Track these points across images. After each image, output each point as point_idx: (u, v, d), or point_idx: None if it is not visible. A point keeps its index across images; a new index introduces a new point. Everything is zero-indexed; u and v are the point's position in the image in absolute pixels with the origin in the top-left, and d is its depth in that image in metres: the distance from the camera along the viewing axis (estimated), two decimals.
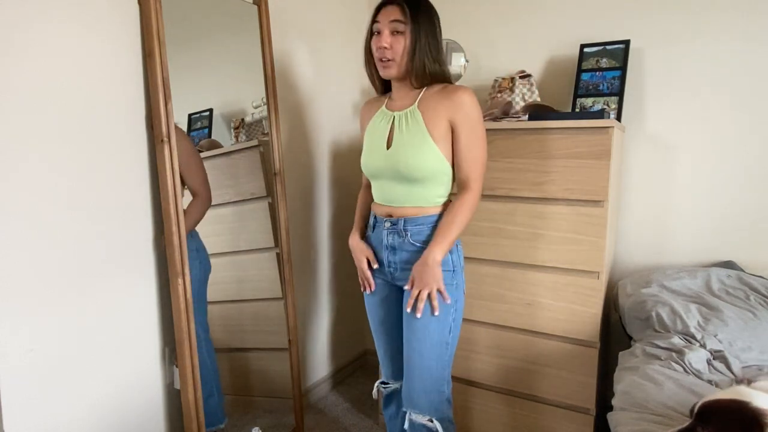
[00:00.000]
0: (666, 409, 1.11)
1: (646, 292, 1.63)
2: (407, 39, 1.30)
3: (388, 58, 1.31)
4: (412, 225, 1.35)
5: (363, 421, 2.14)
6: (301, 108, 2.12)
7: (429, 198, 1.34)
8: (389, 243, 1.39)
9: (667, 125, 1.91)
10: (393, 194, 1.36)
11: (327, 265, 2.35)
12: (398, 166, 1.32)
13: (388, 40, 1.30)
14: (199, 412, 1.50)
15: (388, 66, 1.33)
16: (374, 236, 1.45)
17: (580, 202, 1.63)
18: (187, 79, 1.54)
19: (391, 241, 1.39)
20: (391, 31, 1.30)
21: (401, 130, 1.33)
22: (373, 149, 1.39)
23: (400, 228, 1.36)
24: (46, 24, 1.21)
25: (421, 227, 1.35)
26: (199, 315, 1.55)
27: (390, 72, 1.34)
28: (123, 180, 1.41)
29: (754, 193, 1.81)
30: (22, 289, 1.20)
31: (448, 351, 1.37)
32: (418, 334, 1.34)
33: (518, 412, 1.81)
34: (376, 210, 1.44)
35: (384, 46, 1.30)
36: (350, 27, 2.39)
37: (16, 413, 1.21)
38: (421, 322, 1.33)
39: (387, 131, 1.37)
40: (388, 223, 1.38)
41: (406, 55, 1.30)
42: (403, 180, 1.33)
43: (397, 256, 1.39)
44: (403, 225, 1.36)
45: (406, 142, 1.31)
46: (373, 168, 1.38)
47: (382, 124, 1.39)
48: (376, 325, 1.52)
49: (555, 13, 2.07)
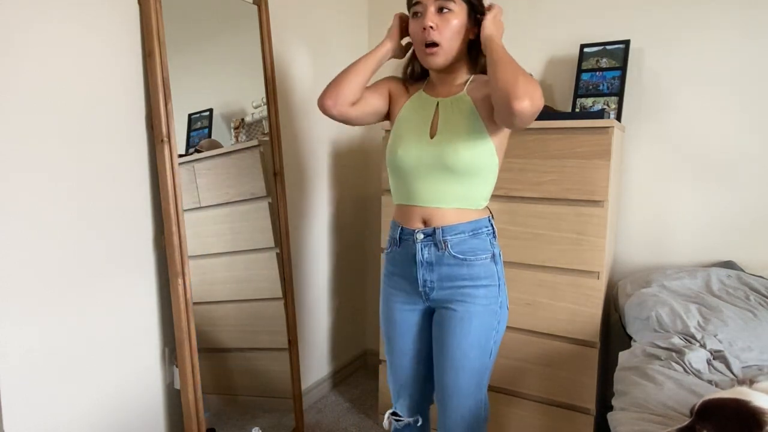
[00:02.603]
0: (666, 409, 1.11)
1: (646, 292, 1.62)
2: (458, 18, 1.13)
3: (434, 42, 1.13)
4: (451, 234, 1.17)
5: (363, 421, 2.14)
6: (301, 108, 2.12)
7: (473, 198, 1.19)
8: (425, 258, 1.20)
9: (667, 125, 1.91)
10: (432, 192, 1.18)
11: (327, 265, 2.35)
12: (445, 157, 1.14)
13: (435, 18, 1.12)
14: (199, 412, 1.50)
15: (434, 53, 1.15)
16: (400, 253, 1.25)
17: (580, 202, 1.63)
18: (187, 79, 1.54)
19: (427, 255, 1.19)
20: (437, 9, 1.13)
21: (449, 117, 1.17)
22: (410, 139, 1.20)
23: (439, 239, 1.18)
24: (46, 24, 1.21)
25: (461, 236, 1.17)
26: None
27: (436, 60, 1.16)
28: (123, 180, 1.41)
29: (754, 193, 1.81)
30: (22, 289, 1.20)
31: (487, 374, 1.24)
32: (456, 363, 1.19)
33: (518, 412, 1.81)
34: (403, 219, 1.24)
35: (429, 25, 1.12)
36: (350, 26, 2.39)
37: (16, 413, 1.21)
38: (461, 351, 1.18)
39: (430, 119, 1.19)
40: (422, 235, 1.19)
41: (457, 38, 1.14)
42: (448, 173, 1.15)
43: (435, 272, 1.20)
44: (441, 235, 1.17)
45: (457, 130, 1.15)
46: (409, 160, 1.19)
47: (421, 111, 1.21)
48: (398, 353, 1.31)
49: (555, 13, 2.07)
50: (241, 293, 1.77)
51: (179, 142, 1.51)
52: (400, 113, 1.26)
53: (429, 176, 1.18)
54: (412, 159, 1.19)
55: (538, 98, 1.01)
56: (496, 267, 1.21)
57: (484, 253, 1.20)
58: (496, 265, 1.21)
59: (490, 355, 1.22)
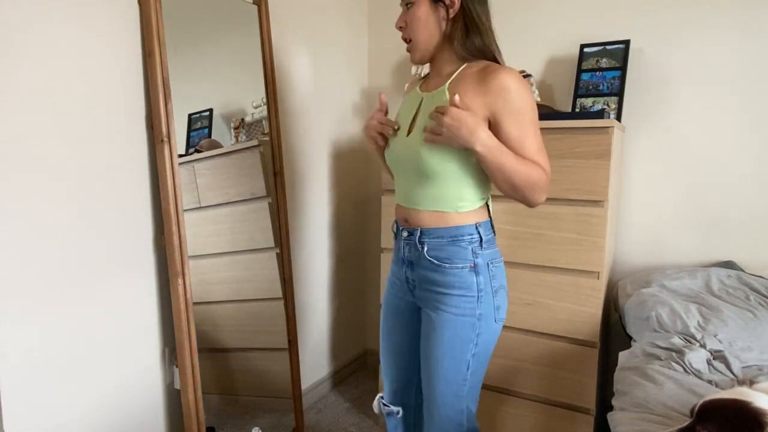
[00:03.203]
0: (666, 409, 1.11)
1: (646, 292, 1.63)
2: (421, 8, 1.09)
3: (407, 39, 1.12)
4: (429, 237, 1.14)
5: (363, 421, 2.14)
6: (301, 108, 2.12)
7: (447, 201, 1.12)
8: (406, 256, 1.20)
9: (667, 125, 1.91)
10: (410, 193, 1.16)
11: (327, 265, 2.35)
12: (413, 157, 1.11)
13: (403, 17, 1.11)
14: (199, 412, 1.50)
15: (410, 50, 1.14)
16: (396, 245, 1.26)
17: (580, 202, 1.63)
18: (187, 79, 1.54)
19: (407, 254, 1.19)
20: (404, 6, 1.11)
21: (425, 113, 1.12)
22: (395, 136, 1.19)
23: (416, 240, 1.16)
24: (46, 24, 1.21)
25: (439, 241, 1.13)
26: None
27: (413, 56, 1.15)
28: (123, 180, 1.41)
29: (754, 193, 1.81)
30: (22, 289, 1.20)
31: (466, 387, 1.17)
32: (430, 368, 1.17)
33: (518, 411, 1.81)
34: (396, 213, 1.25)
35: (399, 26, 1.12)
36: (350, 27, 2.39)
37: (16, 413, 1.21)
38: (433, 357, 1.15)
39: (412, 115, 1.16)
40: (405, 233, 1.19)
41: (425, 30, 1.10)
42: (418, 174, 1.12)
43: (415, 272, 1.19)
44: (419, 236, 1.15)
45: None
46: (392, 158, 1.19)
47: (407, 107, 1.20)
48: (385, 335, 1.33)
49: (555, 13, 2.07)
50: (241, 293, 1.77)
51: (179, 142, 1.51)
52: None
53: (405, 175, 1.17)
54: (392, 156, 1.19)
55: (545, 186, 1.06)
56: (477, 278, 1.12)
57: (462, 262, 1.12)
58: (477, 275, 1.12)
59: (468, 368, 1.15)
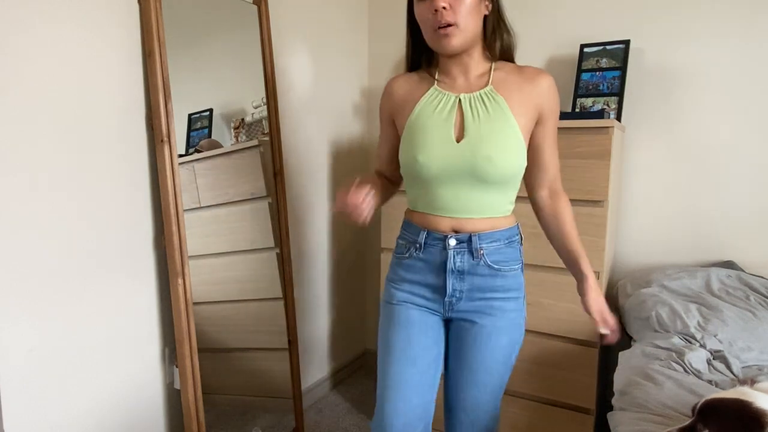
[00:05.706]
0: (666, 409, 1.11)
1: (646, 292, 1.63)
2: None
3: (449, 23, 1.00)
4: (487, 241, 1.08)
5: (363, 421, 2.14)
6: (301, 108, 2.12)
7: (501, 206, 1.09)
8: (457, 266, 1.09)
9: (667, 125, 1.91)
10: (461, 202, 1.07)
11: (326, 266, 2.35)
12: (476, 163, 1.03)
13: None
14: (199, 412, 1.50)
15: (450, 34, 1.00)
16: (425, 257, 1.12)
17: (580, 202, 1.63)
18: (187, 79, 1.54)
19: (459, 263, 1.09)
20: None
21: (477, 116, 1.04)
22: (433, 143, 1.05)
23: (475, 246, 1.08)
24: (46, 24, 1.21)
25: (496, 245, 1.09)
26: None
27: (452, 42, 1.02)
28: (123, 180, 1.41)
29: (754, 193, 1.81)
30: (22, 289, 1.20)
31: (503, 390, 1.18)
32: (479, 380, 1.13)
33: (518, 411, 1.81)
34: (427, 223, 1.12)
35: (442, 6, 0.98)
36: (350, 27, 2.39)
37: (16, 413, 1.21)
38: (485, 368, 1.12)
39: (452, 118, 1.06)
40: (454, 241, 1.08)
41: (474, 15, 1.01)
42: (477, 182, 1.05)
43: (465, 282, 1.10)
44: (477, 242, 1.08)
45: (489, 131, 1.03)
46: (436, 168, 1.05)
47: (441, 109, 1.08)
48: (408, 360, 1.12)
49: (555, 13, 2.07)
50: (241, 293, 1.77)
51: (179, 142, 1.51)
52: (414, 114, 1.10)
53: (456, 185, 1.06)
54: (435, 166, 1.05)
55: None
56: (518, 279, 1.14)
57: (516, 263, 1.13)
58: (516, 277, 1.13)
59: (511, 369, 1.18)
